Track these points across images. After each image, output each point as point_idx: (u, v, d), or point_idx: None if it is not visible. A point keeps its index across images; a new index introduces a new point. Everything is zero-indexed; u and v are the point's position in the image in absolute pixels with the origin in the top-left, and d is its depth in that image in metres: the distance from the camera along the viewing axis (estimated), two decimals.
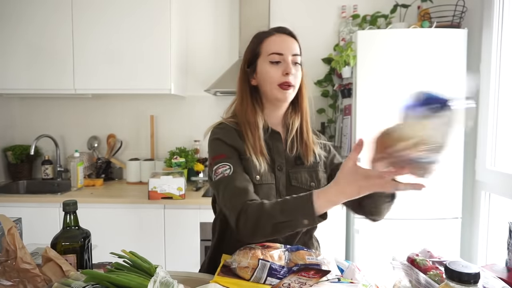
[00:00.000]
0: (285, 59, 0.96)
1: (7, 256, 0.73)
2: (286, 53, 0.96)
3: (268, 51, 0.97)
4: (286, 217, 0.81)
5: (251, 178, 0.94)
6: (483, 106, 1.92)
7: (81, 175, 2.29)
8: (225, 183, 0.91)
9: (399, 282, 0.82)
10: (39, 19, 2.24)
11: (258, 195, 0.93)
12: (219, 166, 0.94)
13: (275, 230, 0.83)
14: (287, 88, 0.96)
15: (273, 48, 0.97)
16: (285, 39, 0.99)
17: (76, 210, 0.86)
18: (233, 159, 0.95)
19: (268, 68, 0.97)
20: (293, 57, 0.97)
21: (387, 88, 1.95)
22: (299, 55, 0.99)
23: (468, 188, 2.03)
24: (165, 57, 2.24)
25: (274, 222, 0.81)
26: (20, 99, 2.66)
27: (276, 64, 0.96)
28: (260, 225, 0.83)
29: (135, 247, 0.88)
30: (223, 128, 1.02)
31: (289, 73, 0.95)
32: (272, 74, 0.96)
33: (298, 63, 0.98)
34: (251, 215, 0.84)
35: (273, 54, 0.96)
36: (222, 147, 0.97)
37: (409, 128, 0.67)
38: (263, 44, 0.99)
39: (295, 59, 0.98)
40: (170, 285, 0.65)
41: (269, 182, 0.97)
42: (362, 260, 1.99)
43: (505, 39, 1.82)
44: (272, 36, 0.99)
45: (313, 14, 2.53)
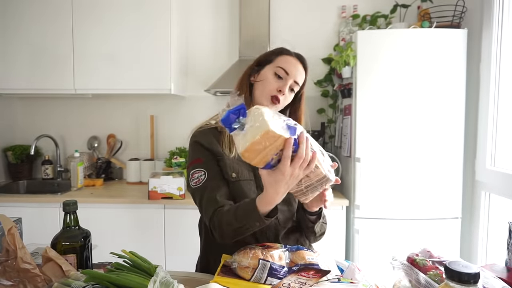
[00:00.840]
0: (287, 79, 1.02)
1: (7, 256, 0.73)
2: (291, 76, 1.02)
3: (279, 64, 1.04)
4: (240, 223, 0.88)
5: (228, 177, 1.01)
6: (483, 106, 1.93)
7: (81, 175, 2.29)
8: (199, 191, 0.99)
9: (399, 282, 0.82)
10: (40, 19, 2.24)
11: (237, 191, 1.00)
12: (195, 171, 1.01)
13: (236, 234, 0.90)
14: (275, 102, 1.02)
15: (283, 64, 1.03)
16: (298, 66, 1.05)
17: (76, 210, 0.86)
18: (209, 163, 1.01)
19: (270, 76, 1.03)
20: (294, 83, 1.03)
21: (387, 88, 1.95)
22: (298, 85, 1.05)
23: (468, 188, 2.03)
24: (165, 57, 2.24)
25: (233, 228, 0.90)
26: (20, 99, 2.66)
27: (277, 78, 1.03)
28: (224, 231, 0.92)
29: (135, 247, 0.88)
30: (201, 131, 1.08)
31: (282, 92, 1.01)
32: (270, 83, 1.02)
33: (293, 90, 1.05)
34: (217, 223, 0.93)
35: (281, 68, 1.03)
36: (200, 151, 1.03)
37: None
38: (279, 57, 1.06)
39: (293, 86, 1.04)
40: (170, 285, 0.65)
41: (247, 178, 1.02)
42: (362, 260, 1.99)
43: (505, 39, 1.82)
44: (290, 57, 1.06)
45: (313, 14, 2.53)
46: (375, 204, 1.98)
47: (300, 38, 2.52)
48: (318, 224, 1.03)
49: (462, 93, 1.95)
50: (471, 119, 2.00)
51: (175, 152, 2.47)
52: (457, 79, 1.95)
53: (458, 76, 1.95)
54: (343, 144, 2.24)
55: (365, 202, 1.99)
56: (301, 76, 1.05)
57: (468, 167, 2.01)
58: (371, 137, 1.98)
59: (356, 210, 2.00)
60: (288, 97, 1.04)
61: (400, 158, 1.96)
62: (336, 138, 2.38)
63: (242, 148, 0.69)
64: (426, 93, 1.94)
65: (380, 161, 1.97)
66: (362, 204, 1.99)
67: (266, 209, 0.85)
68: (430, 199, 1.96)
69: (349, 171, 2.11)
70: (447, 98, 1.95)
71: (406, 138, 1.96)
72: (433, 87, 1.94)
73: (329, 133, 2.52)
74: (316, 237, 1.08)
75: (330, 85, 2.50)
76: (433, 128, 1.95)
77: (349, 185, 2.11)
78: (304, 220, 1.03)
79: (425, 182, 1.96)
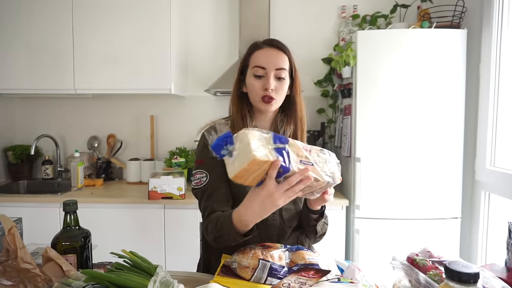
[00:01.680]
0: (267, 73, 0.99)
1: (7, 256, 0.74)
2: (269, 68, 0.98)
3: (253, 63, 1.01)
4: (220, 233, 0.90)
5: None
6: (483, 106, 1.93)
7: (81, 175, 2.29)
8: (200, 193, 1.02)
9: (399, 282, 0.82)
10: (40, 19, 2.24)
11: (243, 193, 0.98)
12: (197, 171, 1.03)
13: (218, 242, 0.93)
14: (268, 101, 1.00)
15: (257, 62, 1.00)
16: (272, 53, 1.00)
17: (76, 210, 0.86)
18: (212, 164, 1.00)
19: (252, 80, 1.01)
20: (276, 71, 0.99)
21: (387, 88, 1.95)
22: (284, 69, 1.00)
23: (468, 188, 2.03)
24: (165, 57, 2.24)
25: (213, 236, 0.92)
26: (20, 99, 2.66)
27: (259, 78, 1.00)
28: (210, 238, 0.95)
29: (135, 247, 0.88)
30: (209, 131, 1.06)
31: (267, 89, 0.98)
32: (254, 87, 1.00)
33: (282, 78, 1.00)
34: (205, 228, 0.97)
35: (256, 67, 1.00)
36: (205, 151, 1.03)
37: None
38: (251, 56, 1.03)
39: (278, 74, 0.99)
40: (170, 285, 0.65)
41: None
42: (362, 260, 1.99)
43: (504, 39, 1.82)
44: (260, 50, 1.02)
45: (313, 14, 2.53)
46: (375, 204, 1.98)
47: (300, 38, 2.52)
48: (320, 223, 1.03)
49: (461, 93, 1.95)
50: (471, 119, 2.00)
51: (175, 152, 2.47)
52: (457, 79, 1.95)
53: (458, 76, 1.95)
54: (343, 144, 2.24)
55: (365, 202, 1.99)
56: (281, 60, 1.00)
57: (468, 167, 2.01)
58: (371, 137, 1.98)
59: (356, 210, 2.00)
60: (281, 87, 1.00)
61: (400, 158, 1.96)
62: (336, 138, 2.39)
63: (232, 173, 0.72)
64: (426, 93, 1.94)
65: (380, 161, 1.97)
66: (362, 204, 1.99)
67: (241, 224, 0.84)
68: (430, 199, 1.96)
69: (349, 171, 2.11)
70: (447, 98, 1.95)
71: (406, 138, 1.96)
72: (433, 87, 1.94)
73: (329, 133, 2.52)
74: (316, 237, 1.08)
75: (330, 85, 2.50)
76: (433, 128, 1.95)
77: (349, 185, 2.11)
78: (307, 218, 1.03)
79: (425, 182, 1.96)
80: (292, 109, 1.07)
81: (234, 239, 0.87)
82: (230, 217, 0.86)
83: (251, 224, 0.84)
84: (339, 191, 2.23)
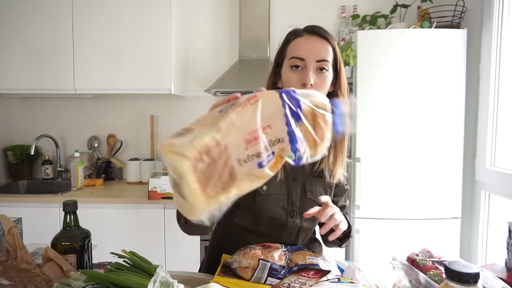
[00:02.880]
0: (306, 65, 0.86)
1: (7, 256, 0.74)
2: (309, 59, 0.85)
3: (290, 54, 0.88)
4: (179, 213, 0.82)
5: (258, 189, 0.88)
6: (483, 106, 1.93)
7: (81, 175, 2.29)
8: None
9: (399, 282, 0.82)
10: (39, 19, 2.24)
11: (264, 205, 0.93)
12: None
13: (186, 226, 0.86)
14: None
15: (295, 52, 0.87)
16: (312, 41, 0.87)
17: (76, 210, 0.86)
18: None
19: (289, 73, 0.88)
20: (318, 63, 0.86)
21: (387, 88, 1.95)
22: (326, 61, 0.86)
23: (468, 188, 2.03)
24: (165, 57, 2.24)
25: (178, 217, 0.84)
26: (20, 99, 2.66)
27: (297, 70, 0.87)
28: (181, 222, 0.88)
29: (135, 247, 0.88)
30: None
31: (306, 84, 0.84)
32: (291, 80, 0.87)
33: (325, 69, 0.86)
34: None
35: (294, 58, 0.87)
36: None
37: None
38: (288, 46, 0.90)
39: (321, 65, 0.86)
40: (170, 285, 0.65)
41: (278, 193, 0.94)
42: (362, 260, 1.99)
43: (504, 39, 1.82)
44: (298, 38, 0.89)
45: (313, 14, 2.53)
46: (375, 204, 1.98)
47: None
48: (347, 241, 0.98)
49: (462, 93, 1.95)
50: (471, 119, 2.00)
51: None
52: (457, 79, 1.95)
53: (458, 76, 1.95)
54: None
55: (365, 202, 1.99)
56: (324, 50, 0.86)
57: (468, 167, 2.01)
58: (371, 137, 1.98)
59: (356, 210, 2.00)
60: (322, 81, 0.86)
61: (400, 158, 1.96)
62: None
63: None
64: (426, 93, 1.94)
65: (380, 161, 1.97)
66: (362, 204, 1.99)
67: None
68: (430, 199, 1.96)
69: (349, 171, 2.11)
70: (447, 98, 1.95)
71: (406, 138, 1.96)
72: (433, 87, 1.94)
73: None
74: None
75: None
76: (433, 128, 1.95)
77: (349, 185, 2.10)
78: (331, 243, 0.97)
79: (425, 182, 1.96)
80: (341, 90, 0.92)
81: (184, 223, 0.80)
82: None
83: None
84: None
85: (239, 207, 0.95)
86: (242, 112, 0.54)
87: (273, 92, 0.57)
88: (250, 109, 0.54)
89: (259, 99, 0.55)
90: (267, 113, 0.55)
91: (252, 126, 0.53)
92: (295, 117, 0.55)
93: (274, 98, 0.56)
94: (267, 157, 0.54)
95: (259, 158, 0.53)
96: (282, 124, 0.55)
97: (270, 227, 0.96)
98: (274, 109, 0.55)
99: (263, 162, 0.54)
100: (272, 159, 0.55)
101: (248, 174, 0.53)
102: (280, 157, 0.55)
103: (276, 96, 0.56)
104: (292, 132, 0.55)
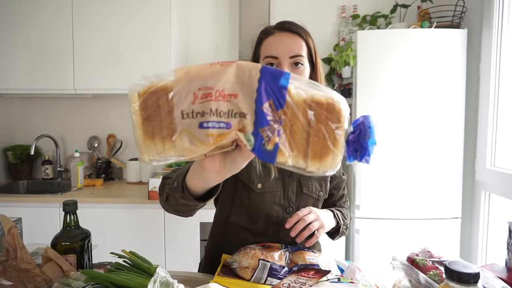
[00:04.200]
0: (280, 63, 0.86)
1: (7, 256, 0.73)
2: (282, 56, 0.86)
3: (264, 53, 0.89)
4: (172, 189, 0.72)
5: (252, 187, 0.93)
6: (483, 106, 1.92)
7: (81, 175, 2.29)
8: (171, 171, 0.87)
9: (399, 282, 0.82)
10: (39, 19, 2.24)
11: (260, 203, 0.94)
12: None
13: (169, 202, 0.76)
14: None
15: (268, 51, 0.88)
16: (283, 38, 0.87)
17: (76, 210, 0.86)
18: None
19: None
20: (292, 59, 0.86)
21: (387, 88, 1.95)
22: (301, 56, 0.86)
23: (468, 188, 2.03)
24: (165, 57, 2.24)
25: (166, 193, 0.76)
26: (20, 99, 2.66)
27: None
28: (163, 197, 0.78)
29: (135, 247, 0.88)
30: None
31: None
32: None
33: (300, 64, 0.86)
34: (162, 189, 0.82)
35: (268, 57, 0.87)
36: None
37: None
38: (261, 46, 0.91)
39: (296, 60, 0.86)
40: (170, 285, 0.65)
41: (273, 190, 0.95)
42: (362, 260, 1.99)
43: (504, 39, 1.82)
44: (270, 37, 0.89)
45: (313, 14, 2.53)
46: (375, 204, 1.98)
47: None
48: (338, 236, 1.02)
49: (462, 93, 1.95)
50: (471, 119, 2.00)
51: None
52: (457, 79, 1.95)
53: (458, 76, 1.95)
54: None
55: (365, 202, 1.99)
56: (297, 45, 0.87)
57: (468, 167, 2.01)
58: None
59: (356, 210, 2.00)
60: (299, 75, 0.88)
61: (400, 158, 1.96)
62: None
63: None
64: (426, 93, 1.94)
65: (380, 161, 1.97)
66: (362, 204, 1.99)
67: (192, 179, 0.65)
68: (430, 199, 1.96)
69: (349, 171, 2.11)
70: (447, 98, 1.95)
71: (406, 138, 1.96)
72: (433, 87, 1.94)
73: None
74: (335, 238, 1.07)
75: (330, 85, 2.50)
76: (433, 128, 1.95)
77: (349, 185, 2.11)
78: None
79: (425, 182, 1.96)
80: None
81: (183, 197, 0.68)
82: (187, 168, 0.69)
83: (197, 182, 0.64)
84: None
85: (234, 204, 0.97)
86: (205, 68, 0.48)
87: (256, 65, 0.49)
88: (217, 68, 0.48)
89: (233, 63, 0.49)
90: (238, 82, 0.47)
91: (209, 84, 0.46)
92: (273, 100, 0.46)
93: (254, 70, 0.48)
94: (217, 123, 0.46)
95: (203, 118, 0.46)
96: (251, 100, 0.46)
97: (267, 224, 0.96)
98: (248, 81, 0.47)
99: (206, 124, 0.46)
100: (224, 130, 0.46)
101: (187, 131, 0.46)
102: (236, 134, 0.46)
103: (257, 69, 0.47)
104: (260, 112, 0.45)
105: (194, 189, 0.65)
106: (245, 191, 0.95)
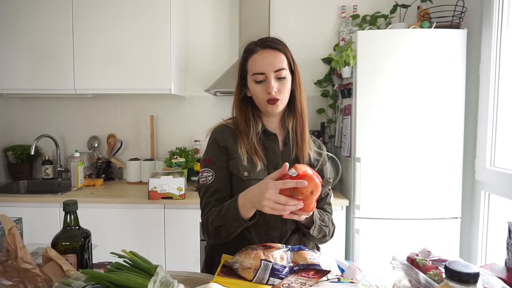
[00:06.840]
0: (267, 77, 0.99)
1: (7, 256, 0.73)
2: (268, 71, 0.99)
3: (251, 71, 1.01)
4: (221, 221, 0.93)
5: (239, 175, 1.03)
6: (483, 106, 1.93)
7: (81, 175, 2.29)
8: (203, 189, 1.05)
9: (399, 282, 0.82)
10: (40, 19, 2.24)
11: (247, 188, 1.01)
12: (204, 170, 1.06)
13: (216, 233, 0.96)
14: (274, 103, 1.01)
15: (255, 68, 1.00)
16: (267, 56, 1.00)
17: (77, 210, 0.86)
18: (219, 164, 1.05)
19: (254, 86, 1.02)
20: (276, 73, 0.99)
21: (387, 88, 1.95)
22: (283, 69, 1.00)
23: (468, 188, 2.03)
24: (165, 57, 2.24)
25: (215, 226, 0.95)
26: (20, 99, 2.66)
27: (260, 83, 1.00)
28: (209, 230, 0.98)
29: (135, 247, 0.88)
30: (221, 127, 1.10)
31: (271, 92, 0.98)
32: (258, 92, 1.01)
33: (283, 77, 1.00)
34: (204, 221, 1.01)
35: (255, 74, 1.00)
36: (214, 149, 1.07)
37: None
38: (248, 63, 1.03)
39: (279, 75, 0.99)
40: (170, 285, 0.65)
41: (259, 178, 1.01)
42: (362, 260, 1.99)
43: (504, 39, 1.82)
44: (255, 55, 1.01)
45: (313, 14, 2.53)
46: (375, 204, 1.98)
47: (300, 38, 2.52)
48: (314, 228, 1.01)
49: (461, 93, 1.95)
50: (470, 119, 2.00)
51: (175, 152, 2.47)
52: (457, 79, 1.95)
53: (458, 76, 1.95)
54: (343, 144, 2.24)
55: (365, 202, 1.99)
56: (278, 60, 1.00)
57: (468, 167, 2.01)
58: (371, 137, 1.98)
59: (356, 210, 2.00)
60: (283, 87, 1.00)
61: (400, 158, 1.96)
62: (336, 138, 2.39)
63: None
64: (426, 93, 1.94)
65: (380, 161, 1.97)
66: (362, 204, 1.99)
67: (244, 208, 0.88)
68: (430, 199, 1.96)
69: (349, 171, 2.11)
70: (446, 98, 1.95)
71: (406, 138, 1.96)
72: (433, 87, 1.94)
73: (329, 133, 2.52)
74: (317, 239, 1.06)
75: (330, 85, 2.50)
76: (433, 128, 1.95)
77: (349, 185, 2.11)
78: (300, 225, 1.04)
79: (425, 182, 1.96)
80: (293, 104, 1.07)
81: (238, 223, 0.90)
82: (235, 201, 0.91)
83: (250, 208, 0.88)
84: (339, 191, 2.23)
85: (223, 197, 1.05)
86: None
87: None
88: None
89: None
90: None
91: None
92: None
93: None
94: None
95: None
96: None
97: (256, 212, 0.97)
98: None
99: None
100: None
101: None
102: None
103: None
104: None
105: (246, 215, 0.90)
106: (236, 182, 1.04)
